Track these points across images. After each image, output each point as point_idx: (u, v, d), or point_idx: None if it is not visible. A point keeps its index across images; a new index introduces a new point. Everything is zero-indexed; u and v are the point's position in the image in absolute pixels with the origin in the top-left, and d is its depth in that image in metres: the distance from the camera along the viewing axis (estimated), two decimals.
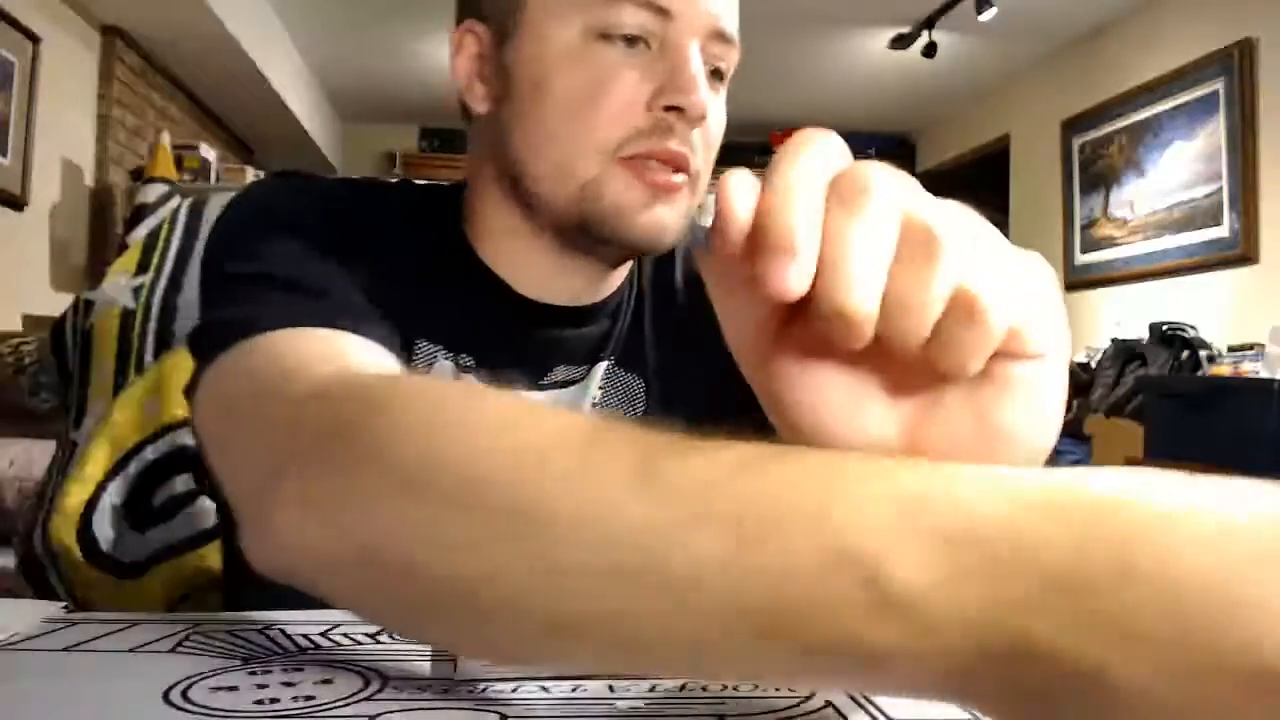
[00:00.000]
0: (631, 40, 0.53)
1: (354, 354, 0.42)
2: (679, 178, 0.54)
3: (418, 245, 0.59)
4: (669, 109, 0.53)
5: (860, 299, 0.24)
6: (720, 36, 0.55)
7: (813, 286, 0.25)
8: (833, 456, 0.24)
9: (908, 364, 0.27)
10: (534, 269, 0.58)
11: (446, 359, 0.58)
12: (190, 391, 0.47)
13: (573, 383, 0.61)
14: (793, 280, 0.24)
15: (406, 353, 0.55)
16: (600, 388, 0.62)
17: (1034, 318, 0.26)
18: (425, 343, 0.57)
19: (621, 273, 0.62)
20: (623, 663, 0.28)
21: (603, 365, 0.62)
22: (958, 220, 0.26)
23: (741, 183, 0.26)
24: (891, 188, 0.26)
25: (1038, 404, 0.28)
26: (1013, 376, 0.27)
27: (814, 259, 0.25)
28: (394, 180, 0.66)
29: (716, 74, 0.56)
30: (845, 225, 0.25)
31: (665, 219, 0.54)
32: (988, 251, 0.26)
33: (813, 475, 0.24)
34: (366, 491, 0.30)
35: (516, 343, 0.59)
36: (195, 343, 0.48)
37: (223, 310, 0.49)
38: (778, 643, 0.23)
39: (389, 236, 0.58)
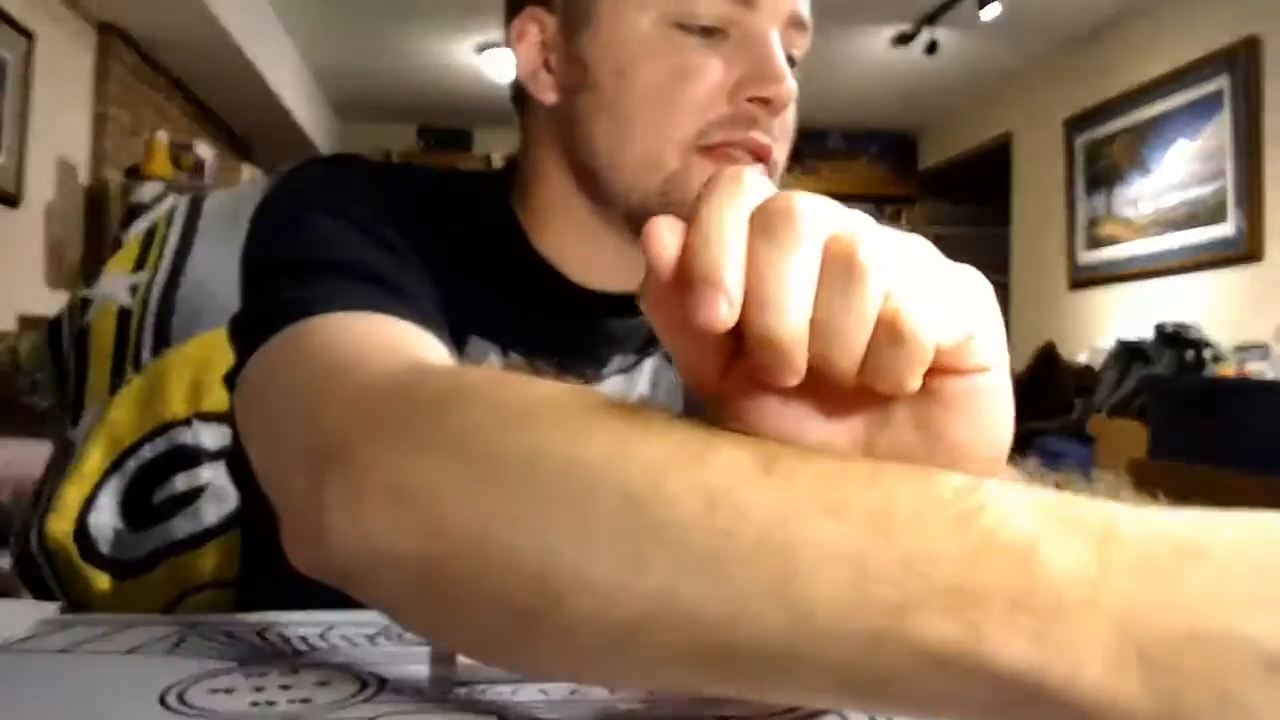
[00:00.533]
0: (709, 30, 0.52)
1: (416, 345, 0.40)
2: (759, 168, 0.54)
3: (470, 233, 0.57)
4: (753, 99, 0.52)
5: (786, 325, 0.25)
6: (798, 23, 0.55)
7: (741, 318, 0.25)
8: (961, 474, 0.25)
9: (854, 388, 0.27)
10: (596, 258, 0.58)
11: (497, 355, 0.57)
12: (232, 378, 0.44)
13: (625, 370, 0.61)
14: (721, 311, 0.25)
15: (459, 348, 0.53)
16: (654, 381, 0.62)
17: (972, 332, 0.26)
18: (476, 338, 0.57)
19: None
20: (695, 674, 0.26)
21: (651, 360, 0.62)
22: (882, 240, 0.26)
23: (666, 225, 0.26)
24: (812, 213, 0.26)
25: (985, 417, 0.28)
26: (958, 391, 0.27)
27: (740, 289, 0.25)
28: (439, 166, 0.64)
29: (790, 60, 0.55)
30: (766, 254, 0.25)
31: None
32: (915, 269, 0.26)
33: (948, 484, 0.24)
34: (445, 481, 0.28)
35: (572, 333, 0.59)
36: (240, 327, 0.46)
37: (273, 293, 0.45)
38: (896, 646, 0.22)
39: (441, 223, 0.56)
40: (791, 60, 0.56)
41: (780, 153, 0.55)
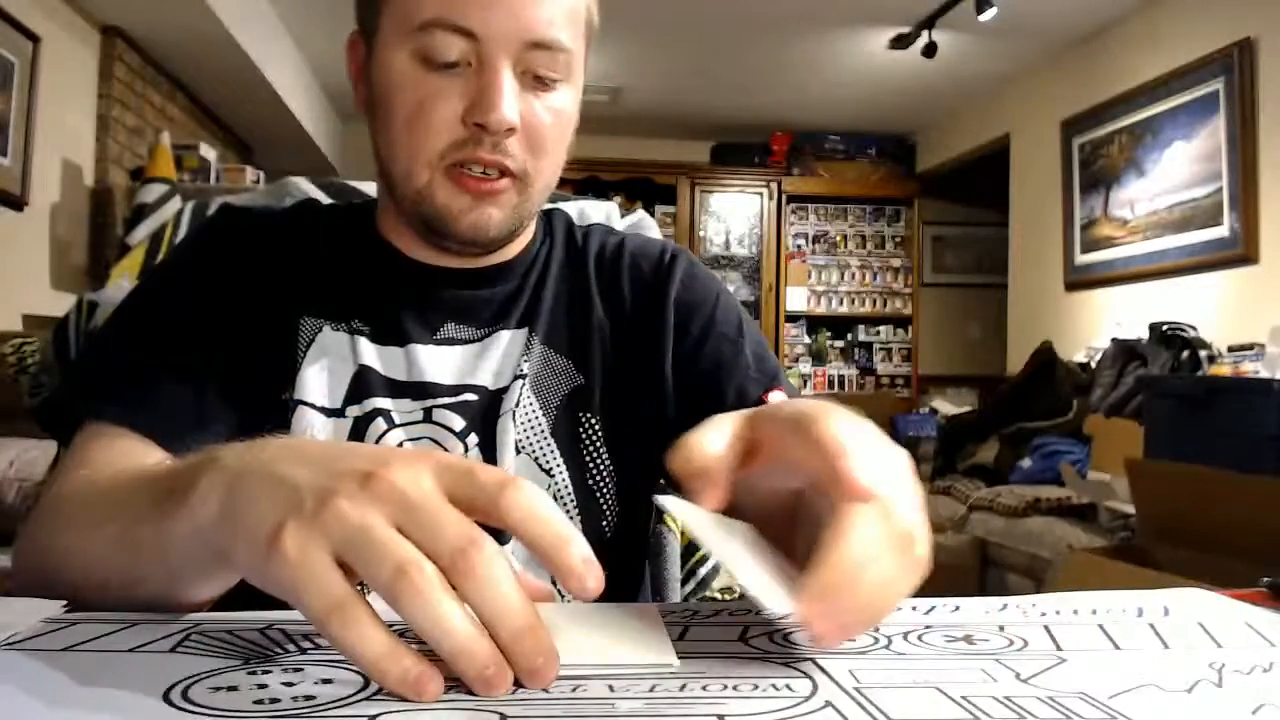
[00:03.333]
0: (450, 64, 0.60)
1: (100, 461, 0.58)
2: (502, 182, 0.63)
3: (332, 238, 0.71)
4: (477, 124, 0.60)
5: None
6: (540, 45, 0.61)
7: None
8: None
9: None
10: (414, 242, 0.69)
11: (337, 329, 0.67)
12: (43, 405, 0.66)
13: (468, 341, 0.69)
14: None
15: (292, 334, 0.67)
16: (526, 360, 0.68)
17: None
18: (309, 319, 0.67)
19: (516, 246, 0.71)
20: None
21: (507, 334, 0.69)
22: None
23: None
24: None
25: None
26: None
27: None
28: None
29: (540, 80, 0.62)
30: None
31: (490, 217, 0.64)
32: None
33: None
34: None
35: (407, 304, 0.69)
36: (67, 387, 0.68)
37: (84, 367, 0.69)
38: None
39: (297, 245, 0.69)
40: (542, 79, 0.63)
41: (525, 164, 0.63)
